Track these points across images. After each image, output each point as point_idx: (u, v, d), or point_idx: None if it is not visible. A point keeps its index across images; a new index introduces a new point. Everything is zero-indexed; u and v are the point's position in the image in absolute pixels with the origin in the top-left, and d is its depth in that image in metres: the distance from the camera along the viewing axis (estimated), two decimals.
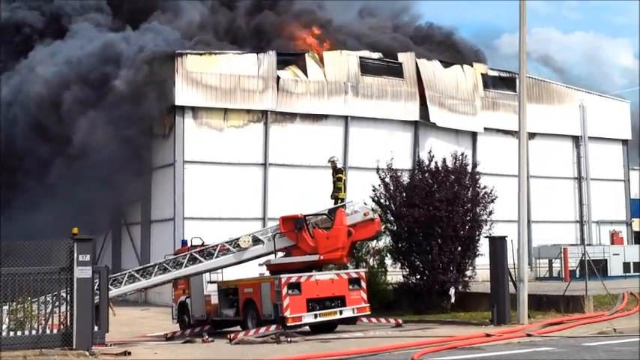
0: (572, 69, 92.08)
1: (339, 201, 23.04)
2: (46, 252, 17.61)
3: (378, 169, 27.85)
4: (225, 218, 35.53)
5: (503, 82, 44.75)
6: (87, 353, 17.08)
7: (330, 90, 39.18)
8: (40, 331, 17.59)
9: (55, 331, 17.69)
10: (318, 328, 22.33)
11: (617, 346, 17.11)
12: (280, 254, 23.20)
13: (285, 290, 21.34)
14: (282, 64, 38.54)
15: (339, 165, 23.95)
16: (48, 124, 37.12)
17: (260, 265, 24.10)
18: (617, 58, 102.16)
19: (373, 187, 27.54)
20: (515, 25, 23.71)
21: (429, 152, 28.14)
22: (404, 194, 27.00)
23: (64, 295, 17.92)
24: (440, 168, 27.04)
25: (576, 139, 46.89)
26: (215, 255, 22.99)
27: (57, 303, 18.03)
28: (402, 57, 41.34)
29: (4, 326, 17.54)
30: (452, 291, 26.08)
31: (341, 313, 22.22)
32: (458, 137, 42.25)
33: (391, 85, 40.72)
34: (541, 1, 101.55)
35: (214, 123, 36.94)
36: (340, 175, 23.43)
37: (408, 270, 27.22)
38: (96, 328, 18.36)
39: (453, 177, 26.78)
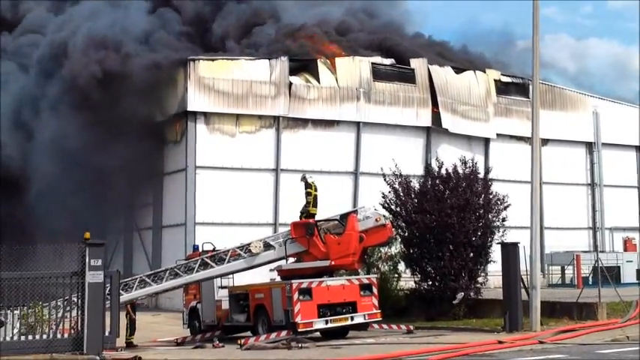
0: (586, 75, 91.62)
1: (305, 215, 23.34)
2: (57, 256, 17.64)
3: (384, 176, 27.78)
4: (236, 223, 35.49)
5: (516, 88, 44.59)
6: (97, 358, 17.12)
7: (342, 96, 39.13)
8: (51, 335, 17.64)
9: (65, 335, 17.74)
10: (329, 334, 22.31)
11: (630, 353, 17.01)
12: (291, 260, 23.18)
13: (296, 296, 21.31)
14: (294, 70, 38.54)
15: (310, 181, 24.02)
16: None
17: (271, 270, 24.06)
18: (633, 65, 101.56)
19: (382, 193, 27.47)
20: (529, 32, 23.63)
21: (437, 159, 28.10)
22: (415, 200, 26.92)
23: (75, 299, 17.94)
24: (451, 174, 26.94)
25: (589, 146, 46.63)
26: (226, 260, 22.98)
27: (68, 307, 18.05)
28: (414, 63, 41.24)
29: (15, 330, 17.59)
30: (459, 295, 25.81)
31: (352, 319, 22.20)
32: (470, 143, 42.10)
33: (403, 91, 40.62)
34: (555, 8, 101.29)
35: (226, 128, 36.96)
36: (309, 190, 23.73)
37: (419, 276, 27.12)
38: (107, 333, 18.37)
39: (464, 183, 26.68)
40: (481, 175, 27.76)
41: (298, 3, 45.01)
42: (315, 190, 23.97)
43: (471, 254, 26.29)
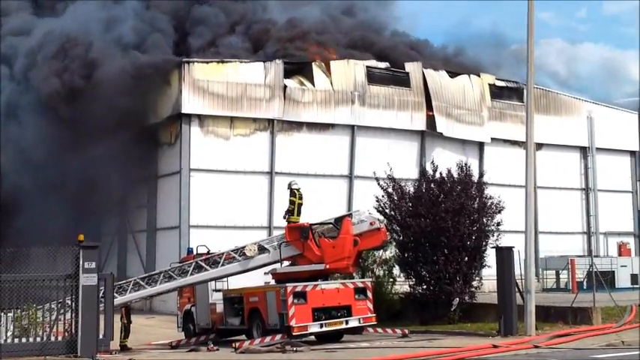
0: (580, 80, 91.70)
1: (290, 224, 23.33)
2: (51, 258, 17.58)
3: (377, 179, 27.76)
4: (231, 226, 35.44)
5: (511, 92, 44.65)
6: None
7: (336, 99, 39.12)
8: (45, 338, 17.59)
9: (59, 338, 17.68)
10: (323, 338, 22.25)
11: (625, 358, 17.01)
12: (286, 263, 23.13)
13: (290, 299, 21.26)
14: (288, 72, 38.53)
15: (295, 188, 23.97)
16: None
17: (266, 273, 24.01)
18: (627, 70, 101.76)
19: (376, 197, 27.43)
20: (524, 36, 23.64)
21: (432, 162, 28.10)
22: (409, 204, 26.90)
23: (69, 302, 17.87)
24: (446, 178, 26.94)
25: (584, 150, 46.69)
26: (221, 263, 22.92)
27: (62, 310, 17.99)
28: (409, 67, 41.26)
29: (9, 333, 17.51)
30: (455, 301, 25.90)
31: (347, 322, 22.15)
32: (465, 147, 42.15)
33: (398, 94, 40.64)
34: (550, 12, 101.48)
35: (221, 131, 36.91)
36: (292, 199, 23.72)
37: (414, 280, 27.11)
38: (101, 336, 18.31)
39: (459, 187, 26.67)
40: (475, 179, 27.77)
41: (278, 3, 45.00)
42: (300, 198, 23.88)
43: (466, 258, 26.26)
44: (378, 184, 27.58)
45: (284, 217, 23.86)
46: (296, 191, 23.86)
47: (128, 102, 35.48)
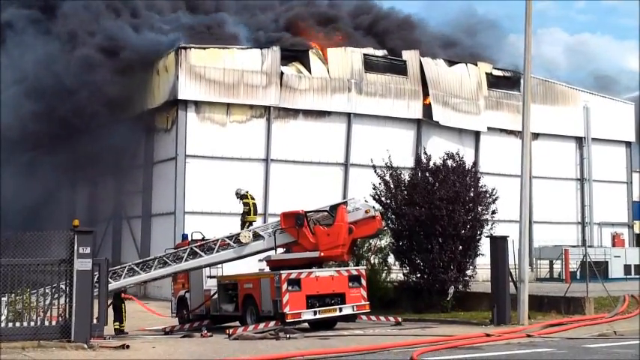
0: (578, 70, 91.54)
1: (249, 224, 23.99)
2: (45, 243, 17.55)
3: (375, 167, 27.80)
4: (226, 213, 35.27)
5: (508, 81, 44.61)
6: (85, 346, 17.06)
7: (333, 87, 39.08)
8: (39, 322, 17.56)
9: (53, 323, 17.66)
10: (317, 325, 22.32)
11: (617, 348, 17.08)
12: (280, 250, 23.15)
13: (284, 286, 21.31)
14: (285, 59, 38.45)
15: (243, 192, 24.79)
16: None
17: (260, 260, 24.03)
18: (624, 61, 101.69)
19: (373, 185, 27.49)
20: (522, 26, 23.59)
21: (425, 152, 28.12)
22: (405, 192, 26.94)
23: (63, 287, 17.88)
24: (441, 167, 26.96)
25: (580, 140, 46.74)
26: (215, 250, 22.92)
27: (56, 295, 17.99)
28: (407, 55, 41.22)
29: (3, 317, 17.52)
30: (451, 289, 26.02)
31: (340, 310, 22.21)
32: (461, 136, 42.15)
33: (395, 82, 40.60)
34: (549, 2, 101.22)
35: (217, 118, 36.87)
36: (246, 200, 24.43)
37: (408, 268, 27.17)
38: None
39: (454, 176, 26.69)
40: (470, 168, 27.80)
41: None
42: (252, 198, 24.69)
43: (460, 247, 26.34)
44: (375, 172, 27.60)
45: (241, 221, 24.43)
46: (246, 193, 24.70)
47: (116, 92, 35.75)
